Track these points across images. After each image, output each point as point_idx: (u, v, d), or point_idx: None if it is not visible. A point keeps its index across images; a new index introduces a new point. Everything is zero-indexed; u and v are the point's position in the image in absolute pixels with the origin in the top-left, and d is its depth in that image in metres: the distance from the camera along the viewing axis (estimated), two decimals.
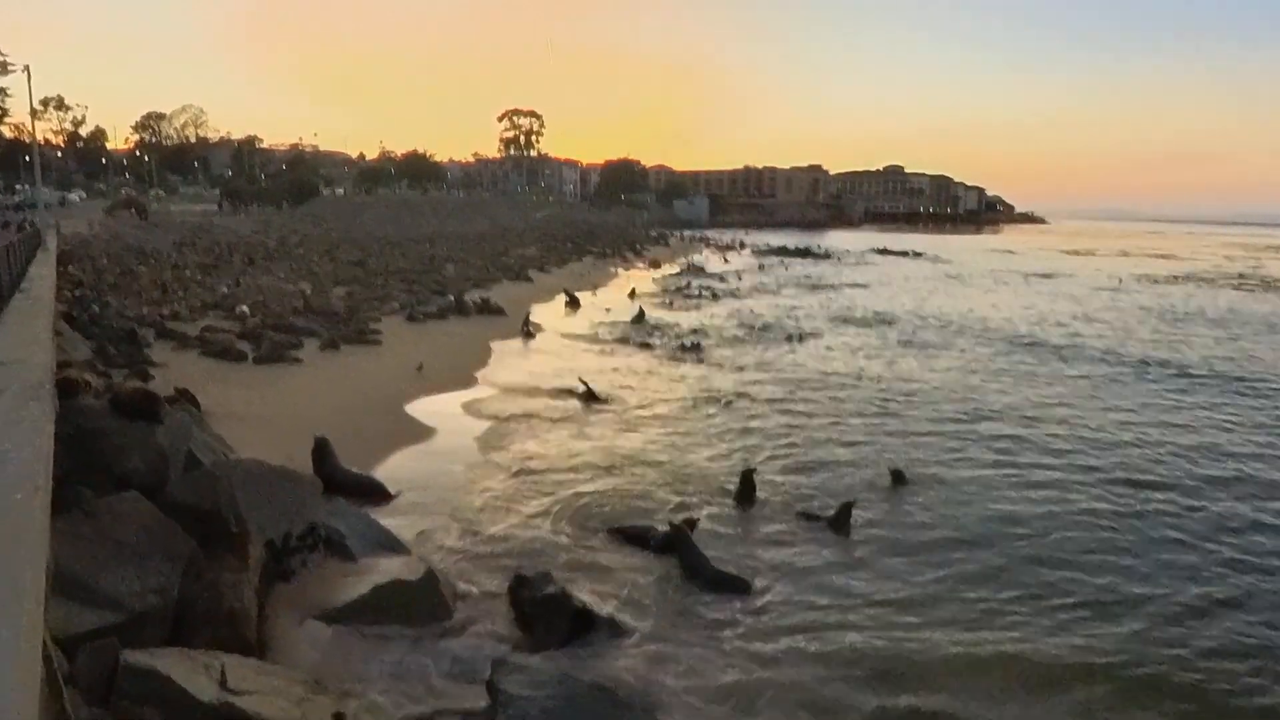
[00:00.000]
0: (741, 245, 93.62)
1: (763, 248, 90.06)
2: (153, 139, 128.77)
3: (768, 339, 30.73)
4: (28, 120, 51.51)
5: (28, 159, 72.13)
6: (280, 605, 8.95)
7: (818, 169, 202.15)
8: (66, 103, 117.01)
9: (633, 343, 28.73)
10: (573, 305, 38.29)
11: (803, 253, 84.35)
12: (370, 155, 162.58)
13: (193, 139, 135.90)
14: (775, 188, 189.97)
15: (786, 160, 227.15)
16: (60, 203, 73.68)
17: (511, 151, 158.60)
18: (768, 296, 46.22)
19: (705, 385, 22.21)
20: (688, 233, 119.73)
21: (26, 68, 32.03)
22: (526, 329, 29.90)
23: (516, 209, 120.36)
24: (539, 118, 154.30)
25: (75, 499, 7.90)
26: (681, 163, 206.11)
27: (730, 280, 53.88)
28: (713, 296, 44.35)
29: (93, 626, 6.73)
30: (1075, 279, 65.05)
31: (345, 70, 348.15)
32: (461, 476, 14.05)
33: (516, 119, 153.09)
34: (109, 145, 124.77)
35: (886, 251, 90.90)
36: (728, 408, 19.85)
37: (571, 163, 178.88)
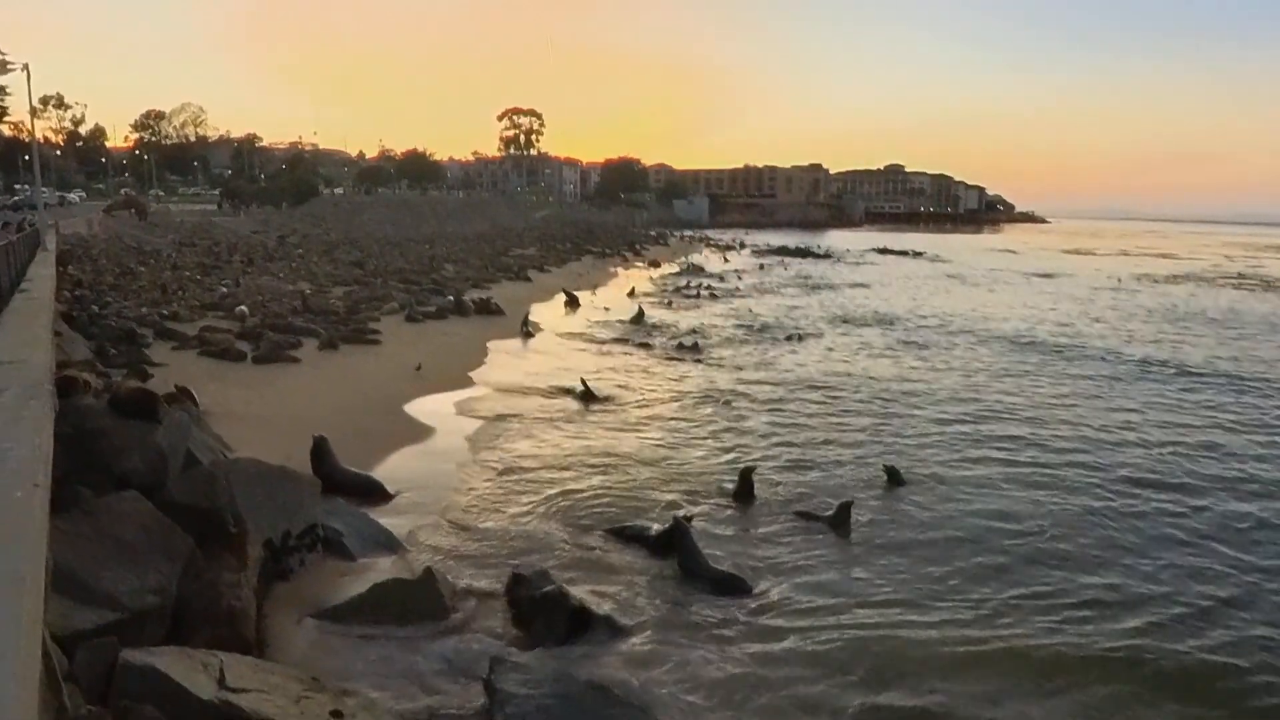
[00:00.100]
0: (741, 245, 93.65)
1: (762, 247, 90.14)
2: (152, 138, 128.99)
3: (767, 339, 30.75)
4: (27, 119, 51.39)
5: (27, 158, 72.15)
6: (279, 604, 9.01)
7: (818, 168, 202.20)
8: (66, 101, 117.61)
9: (632, 342, 28.75)
10: (572, 305, 38.32)
11: (802, 252, 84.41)
12: (370, 154, 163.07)
13: (192, 138, 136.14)
14: (775, 187, 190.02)
15: (787, 159, 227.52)
16: (60, 203, 73.76)
17: (511, 151, 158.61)
18: (767, 296, 46.26)
19: (704, 385, 22.23)
20: (687, 232, 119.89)
21: (26, 66, 31.86)
22: (526, 329, 29.93)
23: (516, 209, 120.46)
24: (539, 117, 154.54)
25: (75, 498, 7.94)
26: (681, 162, 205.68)
27: (730, 280, 53.94)
28: (712, 296, 44.40)
29: (92, 625, 6.75)
30: (1075, 278, 65.13)
31: (345, 69, 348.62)
32: (460, 476, 14.07)
33: (516, 118, 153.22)
34: (108, 144, 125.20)
35: (887, 251, 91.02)
36: (726, 407, 19.87)
37: (571, 162, 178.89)
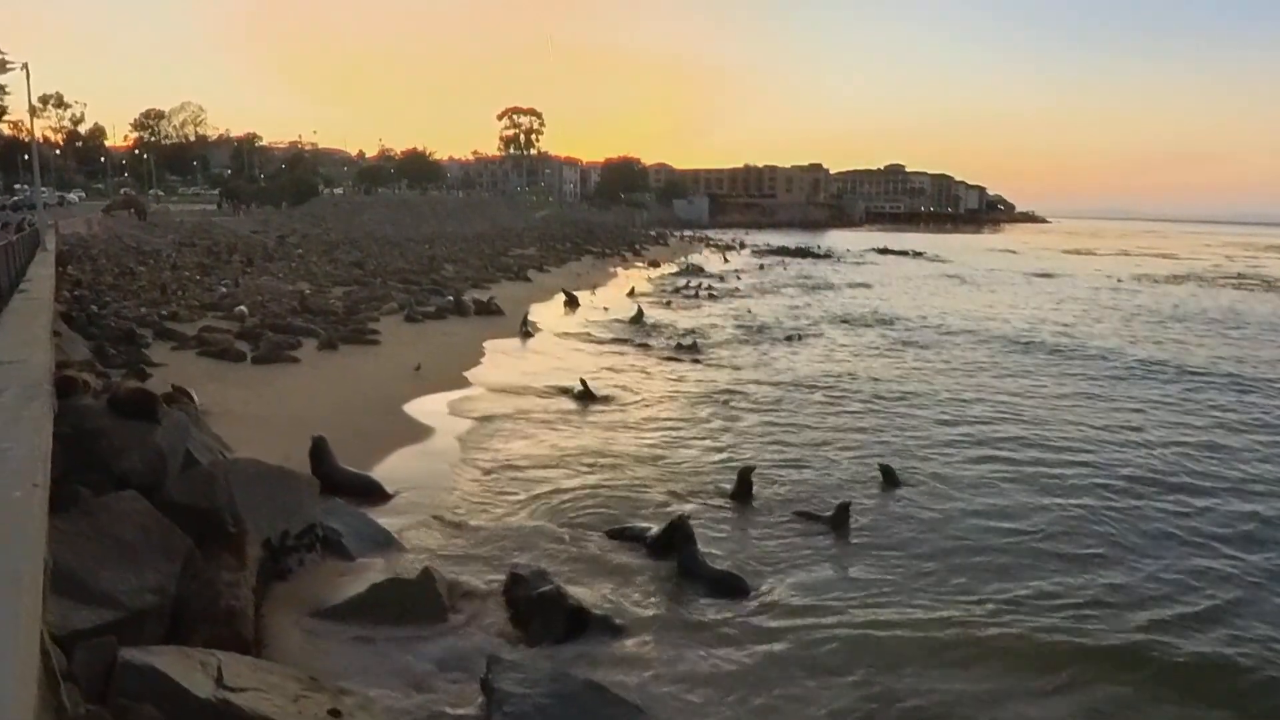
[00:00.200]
0: (741, 245, 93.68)
1: (762, 247, 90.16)
2: (152, 137, 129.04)
3: (766, 339, 30.77)
4: (26, 118, 51.41)
5: (26, 158, 72.17)
6: (277, 604, 9.03)
7: (818, 168, 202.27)
8: (66, 100, 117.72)
9: (631, 342, 28.77)
10: (571, 305, 38.33)
11: (802, 252, 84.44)
12: (370, 153, 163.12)
13: (192, 137, 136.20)
14: (775, 187, 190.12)
15: (787, 159, 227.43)
16: (59, 202, 73.79)
17: (511, 150, 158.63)
18: (767, 296, 46.28)
19: (703, 385, 22.24)
20: (687, 232, 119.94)
21: (25, 65, 31.90)
22: (525, 329, 29.95)
23: (516, 209, 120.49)
24: (539, 116, 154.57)
25: (74, 498, 7.97)
26: (681, 161, 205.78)
27: (729, 280, 53.97)
28: (711, 296, 44.41)
29: (91, 624, 6.77)
30: (1075, 279, 65.15)
31: (345, 68, 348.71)
32: (459, 476, 14.09)
33: (516, 117, 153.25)
34: (108, 144, 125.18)
35: (887, 251, 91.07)
36: (725, 407, 19.88)
37: (571, 161, 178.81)
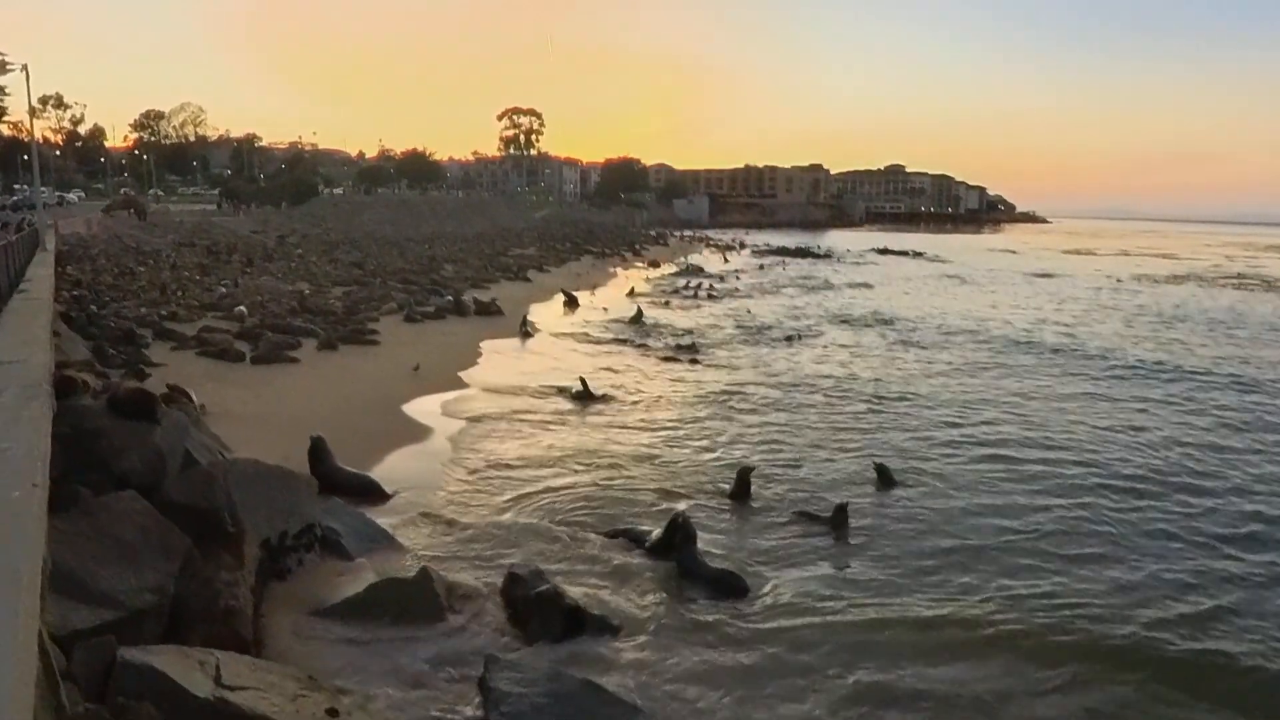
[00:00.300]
0: (741, 245, 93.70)
1: (762, 247, 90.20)
2: (151, 138, 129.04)
3: (765, 339, 30.79)
4: (26, 119, 51.46)
5: (26, 158, 72.17)
6: (276, 603, 9.06)
7: (818, 168, 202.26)
8: (65, 101, 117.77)
9: (630, 343, 28.80)
10: (571, 305, 38.36)
11: (802, 252, 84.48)
12: (370, 153, 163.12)
13: (191, 137, 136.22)
14: (776, 187, 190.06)
15: (787, 159, 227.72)
16: (59, 202, 73.81)
17: (511, 150, 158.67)
18: (766, 296, 46.30)
19: (702, 385, 22.27)
20: (687, 232, 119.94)
21: (25, 66, 31.95)
22: (524, 329, 29.98)
23: (516, 209, 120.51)
24: (539, 116, 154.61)
25: (73, 498, 7.98)
26: (682, 161, 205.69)
27: (729, 280, 53.98)
28: (711, 296, 44.42)
29: (90, 624, 6.78)
30: (1075, 279, 65.14)
31: (344, 68, 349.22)
32: (458, 476, 14.12)
33: (516, 118, 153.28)
34: (108, 144, 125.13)
35: (887, 251, 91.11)
36: (724, 407, 19.90)
37: (571, 161, 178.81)
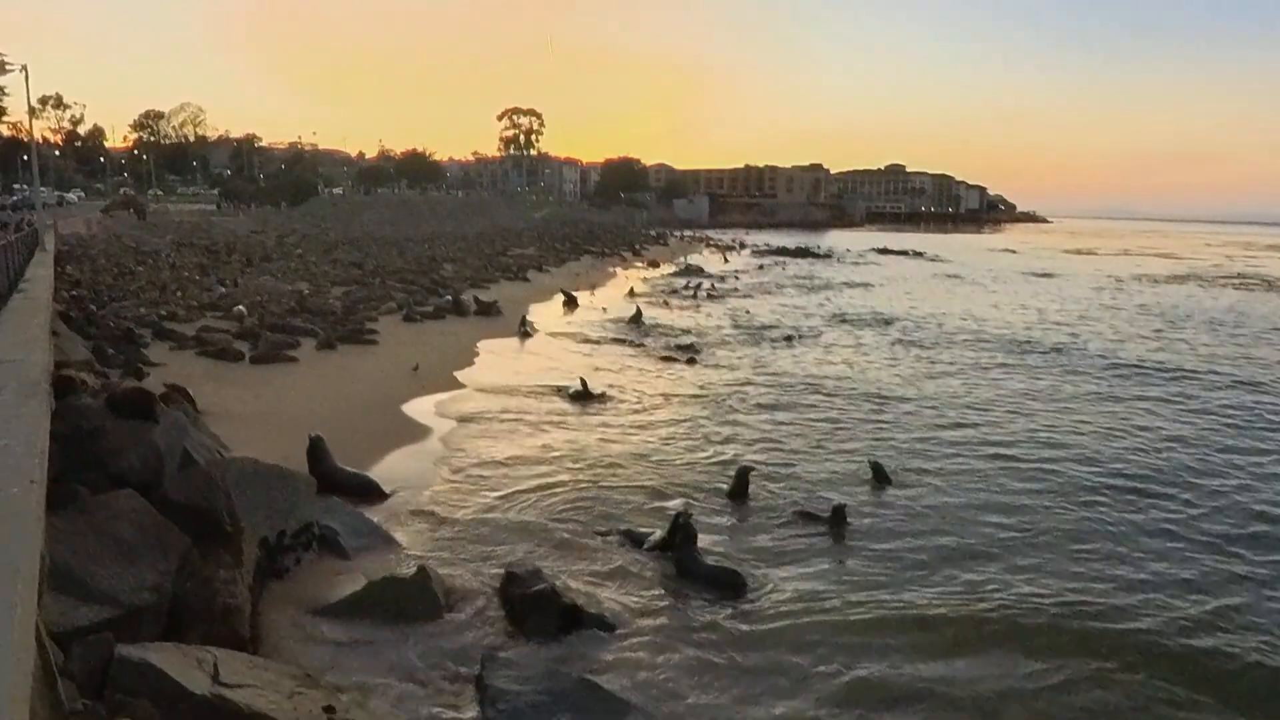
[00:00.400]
0: (741, 245, 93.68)
1: (762, 248, 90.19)
2: (151, 138, 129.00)
3: (765, 339, 30.79)
4: (26, 119, 51.48)
5: (26, 158, 72.21)
6: (274, 602, 9.10)
7: (819, 168, 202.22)
8: (65, 101, 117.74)
9: (629, 342, 28.81)
10: (570, 305, 38.38)
11: (802, 252, 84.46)
12: (369, 154, 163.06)
13: (191, 138, 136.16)
14: (776, 187, 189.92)
15: (788, 159, 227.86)
16: (59, 202, 73.82)
17: (511, 150, 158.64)
18: (766, 297, 46.31)
19: (700, 385, 22.28)
20: (687, 232, 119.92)
21: (24, 67, 31.96)
22: (523, 329, 29.99)
23: (516, 209, 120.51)
24: (539, 116, 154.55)
25: (72, 496, 8.02)
26: (682, 161, 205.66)
27: (729, 280, 53.95)
28: (710, 297, 44.42)
29: (88, 621, 6.81)
30: (1075, 279, 65.11)
31: (344, 68, 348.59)
32: (456, 475, 14.14)
33: (516, 118, 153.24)
34: (107, 144, 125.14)
35: (887, 251, 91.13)
36: (722, 407, 19.91)
37: (571, 161, 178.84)
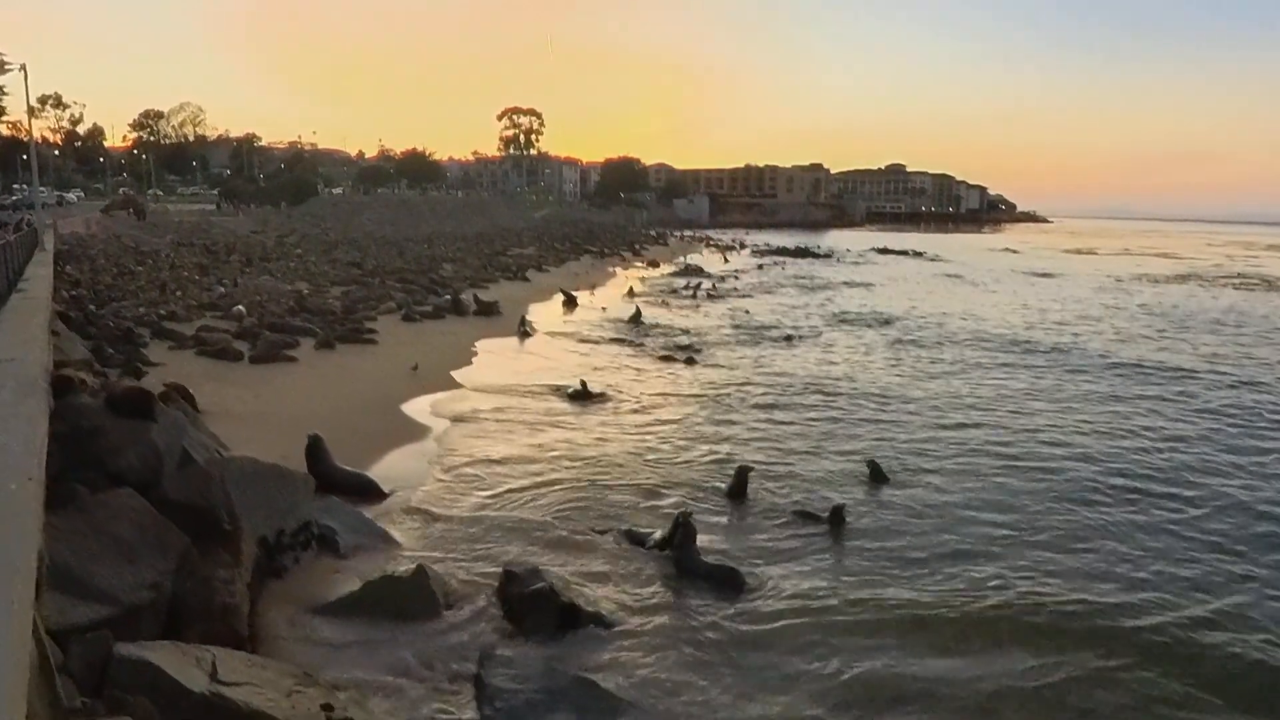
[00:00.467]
0: (741, 245, 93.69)
1: (762, 248, 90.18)
2: (151, 137, 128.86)
3: (764, 339, 30.80)
4: (25, 119, 51.51)
5: (25, 158, 72.19)
6: (273, 601, 9.10)
7: (819, 168, 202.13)
8: (64, 101, 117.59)
9: (629, 342, 28.81)
10: (570, 305, 38.38)
11: (802, 252, 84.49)
12: (369, 153, 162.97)
13: (191, 137, 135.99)
14: (776, 187, 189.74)
15: (788, 159, 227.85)
16: (58, 202, 73.76)
17: (511, 150, 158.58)
18: (765, 296, 46.31)
19: (699, 385, 22.29)
20: (687, 232, 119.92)
21: (23, 66, 31.96)
22: (523, 329, 29.99)
23: (516, 209, 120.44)
24: (539, 116, 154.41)
25: (70, 495, 8.03)
26: (682, 161, 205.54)
27: (729, 280, 53.95)
28: (710, 297, 44.43)
29: (87, 620, 6.83)
30: (1075, 278, 65.08)
31: (344, 68, 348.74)
32: (455, 475, 14.15)
33: (516, 118, 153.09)
34: (107, 144, 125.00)
35: (887, 251, 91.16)
36: (721, 407, 19.93)
37: (571, 161, 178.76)
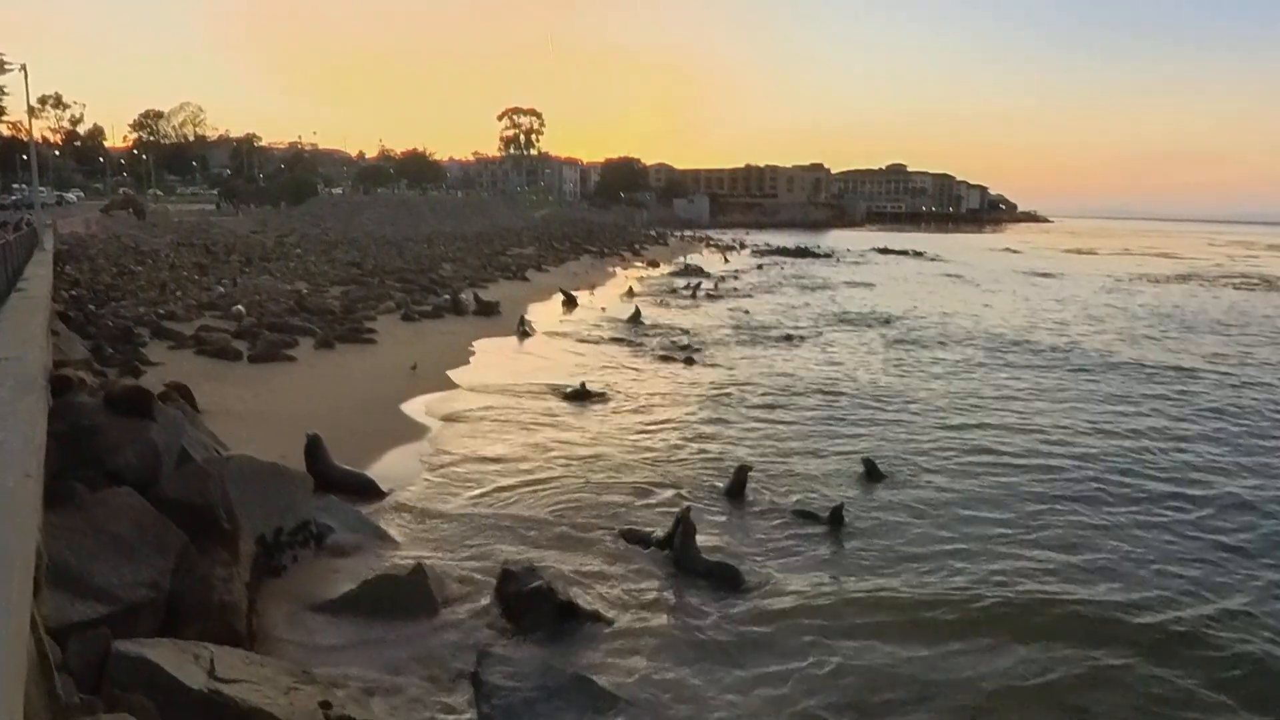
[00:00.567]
0: (741, 245, 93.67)
1: (763, 247, 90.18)
2: (150, 137, 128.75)
3: (763, 339, 30.81)
4: (25, 119, 51.58)
5: (25, 158, 72.21)
6: (271, 599, 9.12)
7: (819, 168, 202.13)
8: (64, 101, 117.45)
9: (628, 342, 28.82)
10: (569, 304, 38.40)
11: (802, 252, 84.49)
12: (370, 154, 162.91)
13: (191, 137, 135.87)
14: (777, 187, 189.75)
15: (788, 158, 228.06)
16: (58, 202, 73.79)
17: (511, 150, 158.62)
18: (765, 296, 46.31)
19: (698, 385, 22.30)
20: (687, 232, 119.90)
21: (24, 66, 32.03)
22: (522, 328, 30.01)
23: (516, 208, 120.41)
24: (539, 116, 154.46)
25: (69, 493, 8.05)
26: (682, 161, 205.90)
27: (728, 280, 53.94)
28: (709, 296, 44.43)
29: (85, 617, 6.85)
30: (1076, 278, 65.04)
31: (345, 68, 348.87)
32: (454, 474, 14.17)
33: (516, 118, 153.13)
34: (107, 144, 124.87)
35: (887, 251, 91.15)
36: (719, 406, 19.94)
37: (572, 161, 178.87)
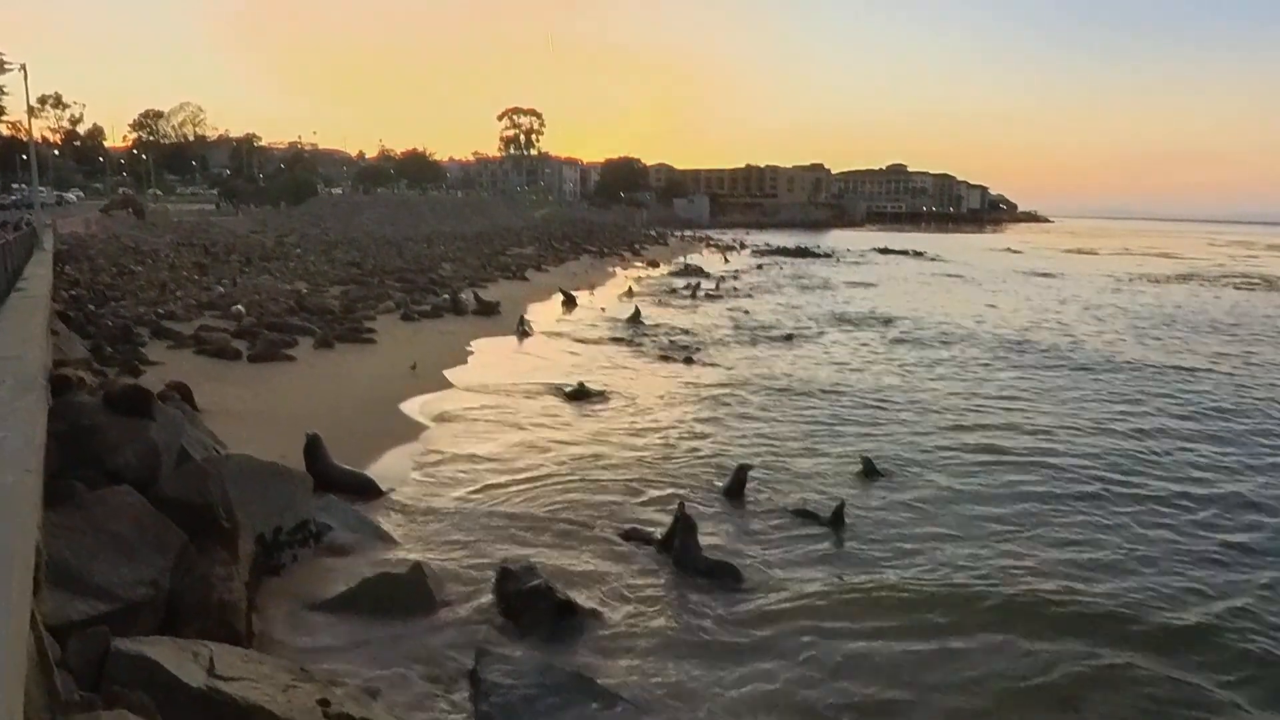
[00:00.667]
0: (741, 245, 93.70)
1: (763, 247, 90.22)
2: (150, 137, 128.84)
3: (762, 339, 30.82)
4: (25, 118, 51.63)
5: (25, 157, 72.23)
6: (270, 598, 9.15)
7: (820, 168, 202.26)
8: (64, 101, 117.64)
9: (627, 342, 28.84)
10: (569, 304, 38.43)
11: (803, 252, 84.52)
12: (370, 154, 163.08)
13: (191, 137, 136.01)
14: (777, 187, 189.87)
15: (788, 159, 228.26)
16: (57, 202, 73.89)
17: (511, 150, 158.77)
18: (765, 296, 46.32)
19: (698, 384, 22.32)
20: (687, 232, 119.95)
21: (23, 66, 32.11)
22: (522, 328, 30.02)
23: (516, 208, 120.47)
24: (539, 116, 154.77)
25: (69, 492, 8.07)
26: (682, 161, 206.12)
27: (728, 280, 53.94)
28: (709, 296, 44.45)
29: (84, 616, 6.86)
30: (1076, 278, 65.05)
31: (345, 68, 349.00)
32: (453, 473, 14.19)
33: (517, 118, 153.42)
34: (107, 144, 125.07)
35: (887, 251, 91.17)
36: (719, 406, 19.96)
37: (572, 161, 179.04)
